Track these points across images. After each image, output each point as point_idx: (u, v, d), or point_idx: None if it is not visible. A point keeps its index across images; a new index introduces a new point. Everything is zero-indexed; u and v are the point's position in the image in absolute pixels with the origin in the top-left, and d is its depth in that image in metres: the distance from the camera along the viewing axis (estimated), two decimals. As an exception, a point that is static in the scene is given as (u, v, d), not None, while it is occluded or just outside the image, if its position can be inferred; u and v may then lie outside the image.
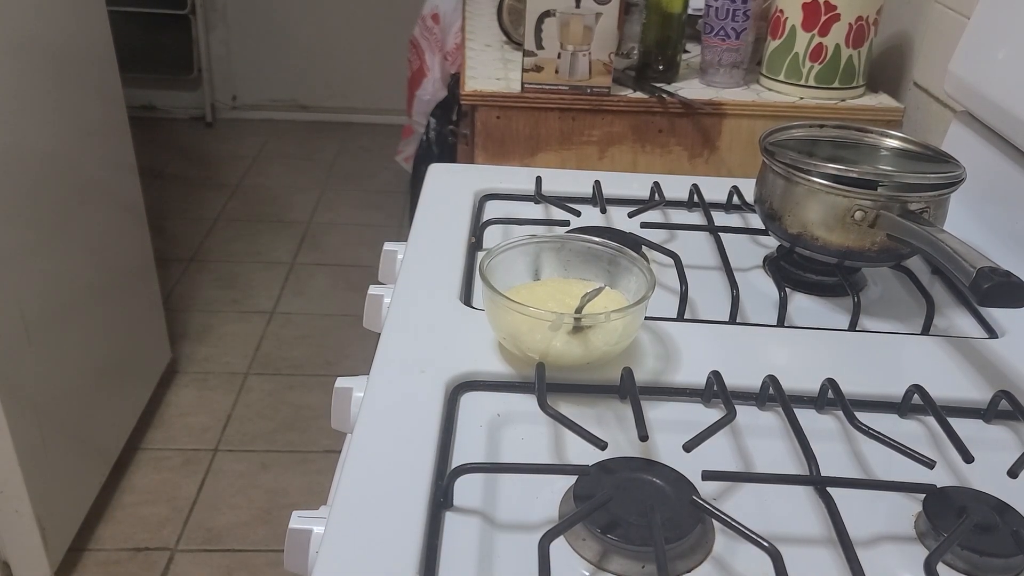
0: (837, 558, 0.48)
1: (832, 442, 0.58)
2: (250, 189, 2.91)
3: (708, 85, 1.17)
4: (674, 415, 0.60)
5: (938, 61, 1.06)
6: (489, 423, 0.58)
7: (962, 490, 0.53)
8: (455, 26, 1.90)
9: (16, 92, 1.28)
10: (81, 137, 1.50)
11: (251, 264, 2.47)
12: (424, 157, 1.99)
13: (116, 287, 1.66)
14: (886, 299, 0.77)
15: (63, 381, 1.44)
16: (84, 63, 1.51)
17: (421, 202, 0.88)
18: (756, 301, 0.75)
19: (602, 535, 0.47)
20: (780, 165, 0.73)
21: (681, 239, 0.84)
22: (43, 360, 1.36)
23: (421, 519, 0.48)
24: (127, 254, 1.72)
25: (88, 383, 1.53)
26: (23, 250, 1.30)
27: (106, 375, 1.61)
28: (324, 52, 3.30)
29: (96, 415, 1.57)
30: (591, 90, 1.09)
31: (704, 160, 1.15)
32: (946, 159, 0.74)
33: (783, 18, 1.12)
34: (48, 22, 1.37)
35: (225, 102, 3.39)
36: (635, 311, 0.60)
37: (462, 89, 1.12)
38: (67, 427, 1.45)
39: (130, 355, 1.74)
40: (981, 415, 0.61)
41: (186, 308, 2.24)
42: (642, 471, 0.52)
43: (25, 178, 1.30)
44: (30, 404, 1.33)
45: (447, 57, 1.97)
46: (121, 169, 1.68)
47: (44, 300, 1.37)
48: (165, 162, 3.00)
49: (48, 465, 1.38)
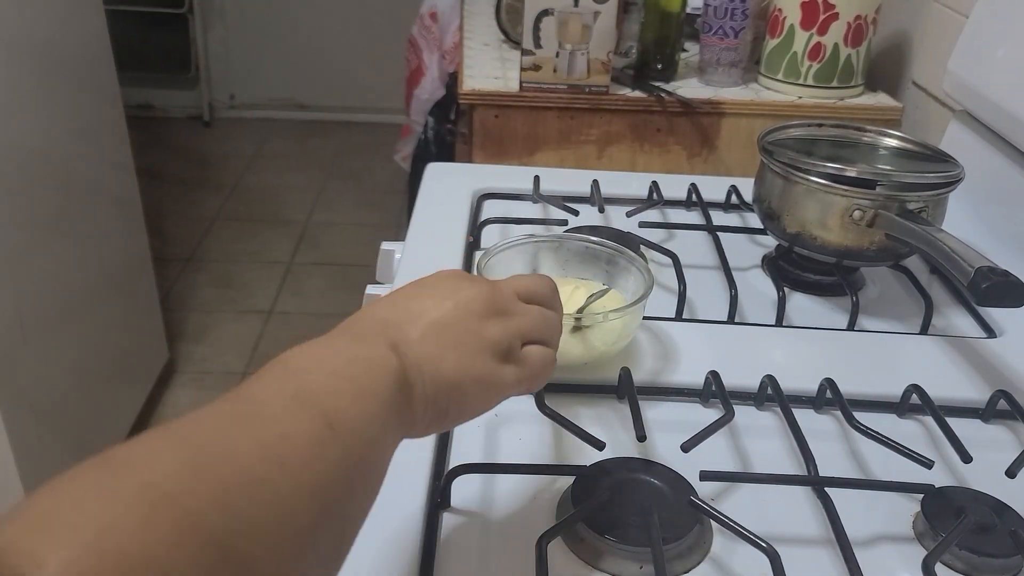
0: (835, 558, 0.48)
1: (830, 442, 0.58)
2: (248, 188, 2.91)
3: (707, 84, 1.17)
4: (672, 415, 0.60)
5: (937, 60, 1.06)
6: (487, 423, 0.58)
7: (960, 490, 0.53)
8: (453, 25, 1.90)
9: (12, 91, 1.27)
10: (78, 136, 1.49)
11: (249, 264, 2.47)
12: (422, 156, 1.99)
13: (113, 287, 1.65)
14: (884, 299, 0.77)
15: (60, 381, 1.43)
16: (81, 62, 1.51)
17: (419, 201, 0.88)
18: (754, 301, 0.75)
19: (600, 536, 0.47)
20: (778, 164, 0.73)
21: (679, 238, 0.84)
22: (40, 360, 1.36)
23: (419, 520, 0.48)
24: (124, 254, 1.71)
25: (85, 383, 1.53)
26: (20, 250, 1.30)
27: (103, 375, 1.61)
28: (322, 51, 3.29)
29: (93, 415, 1.57)
30: (589, 89, 1.09)
31: (703, 159, 1.15)
32: (944, 158, 0.74)
33: (781, 17, 1.11)
34: (45, 21, 1.36)
35: (223, 101, 3.39)
36: (633, 311, 0.60)
37: (460, 88, 1.11)
38: (64, 427, 1.45)
39: (128, 355, 1.74)
40: (979, 415, 0.61)
41: (184, 308, 2.24)
42: (640, 471, 0.52)
43: (21, 177, 1.30)
44: (27, 404, 1.33)
45: (445, 56, 1.97)
46: (118, 168, 1.67)
47: (41, 300, 1.36)
48: (162, 161, 3.00)
49: (45, 465, 1.37)
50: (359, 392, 0.35)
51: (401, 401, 0.37)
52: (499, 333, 0.43)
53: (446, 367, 0.40)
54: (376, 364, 0.37)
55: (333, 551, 0.32)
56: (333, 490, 0.31)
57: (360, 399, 0.35)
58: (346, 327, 0.40)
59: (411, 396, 0.38)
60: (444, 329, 0.42)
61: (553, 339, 0.48)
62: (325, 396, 0.34)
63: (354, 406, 0.34)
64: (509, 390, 0.44)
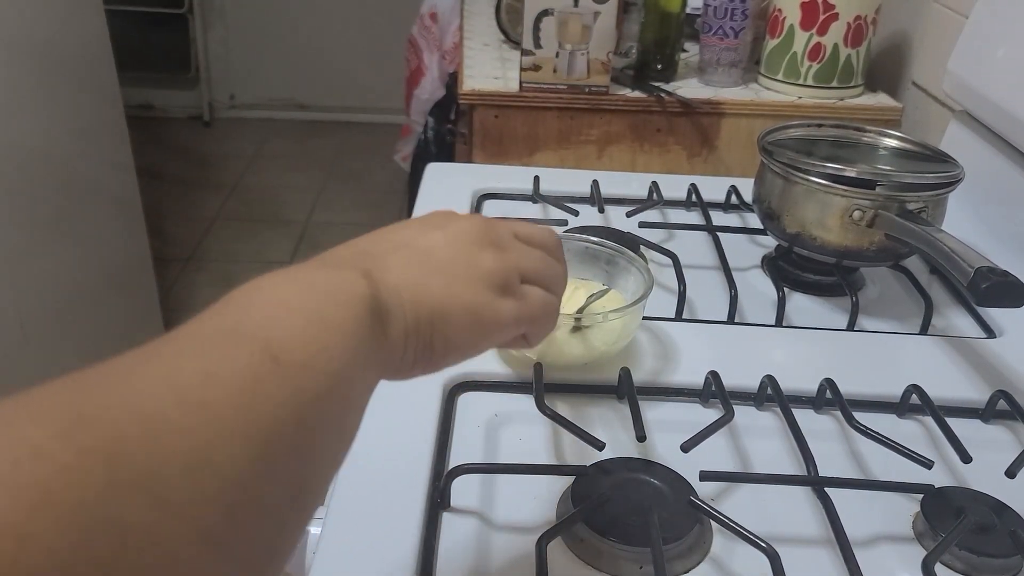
0: (835, 558, 0.48)
1: (830, 442, 0.58)
2: (248, 189, 2.91)
3: (706, 84, 1.17)
4: (672, 415, 0.60)
5: (937, 60, 1.06)
6: (487, 423, 0.58)
7: (960, 490, 0.53)
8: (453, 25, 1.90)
9: (12, 91, 1.27)
10: (78, 136, 1.49)
11: (249, 264, 2.46)
12: (422, 156, 1.99)
13: (113, 287, 1.65)
14: (884, 299, 0.77)
15: (60, 381, 1.43)
16: (81, 62, 1.51)
17: (419, 201, 0.88)
18: (754, 301, 0.75)
19: (600, 536, 0.47)
20: (778, 164, 0.73)
21: (679, 239, 0.84)
22: (40, 361, 1.36)
23: (418, 520, 0.48)
24: (124, 254, 1.71)
25: (85, 383, 1.53)
26: (20, 250, 1.30)
27: (103, 375, 1.60)
28: (322, 51, 3.29)
29: (93, 415, 1.56)
30: (589, 89, 1.09)
31: (702, 159, 1.15)
32: (944, 159, 0.74)
33: (781, 17, 1.11)
34: (45, 21, 1.36)
35: (223, 101, 3.39)
36: (633, 311, 0.60)
37: (460, 88, 1.11)
38: (64, 427, 1.45)
39: (128, 355, 1.73)
40: (979, 415, 0.61)
41: (184, 308, 2.23)
42: (640, 471, 0.52)
43: (21, 178, 1.30)
44: (27, 404, 1.32)
45: (445, 56, 1.97)
46: (118, 168, 1.67)
47: (41, 300, 1.36)
48: (162, 162, 3.00)
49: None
50: (315, 321, 0.30)
51: (375, 331, 0.32)
52: (494, 263, 0.38)
53: (430, 292, 0.36)
54: (340, 290, 0.32)
55: (286, 503, 0.27)
56: (278, 434, 0.26)
57: (317, 329, 0.30)
58: (318, 258, 0.36)
59: (387, 325, 0.33)
60: (429, 255, 0.37)
61: (556, 287, 0.43)
62: (270, 328, 0.29)
63: (307, 337, 0.29)
64: (505, 328, 0.39)
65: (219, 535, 0.24)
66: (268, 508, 0.26)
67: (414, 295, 0.35)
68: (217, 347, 0.27)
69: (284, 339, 0.28)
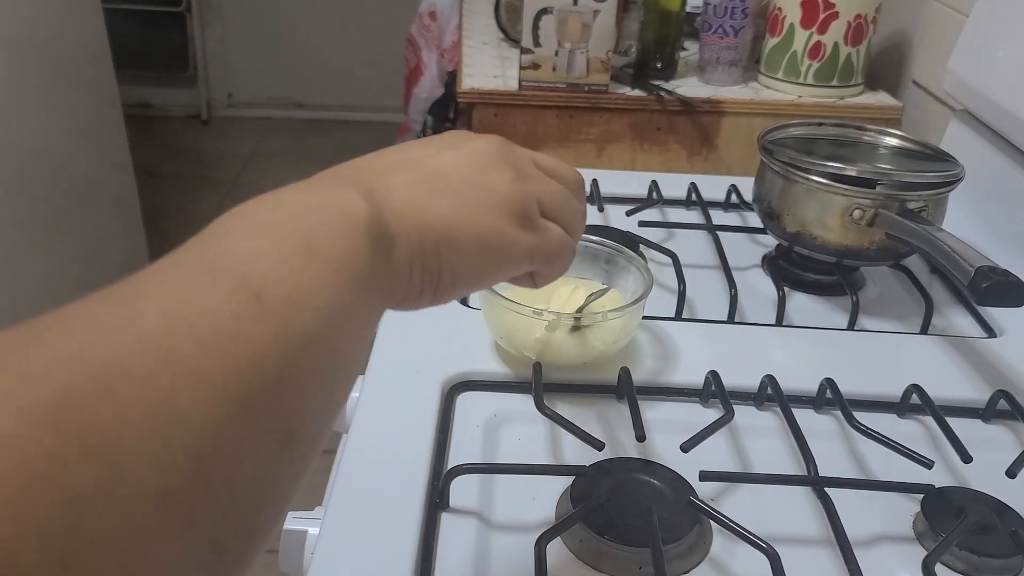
0: (835, 558, 0.48)
1: (830, 442, 0.58)
2: (246, 187, 2.90)
3: (706, 83, 1.17)
4: (672, 415, 0.60)
5: (937, 59, 1.06)
6: (486, 423, 0.58)
7: (960, 490, 0.53)
8: (452, 23, 1.90)
9: (9, 89, 1.27)
10: (75, 135, 1.49)
11: (248, 262, 2.46)
12: (421, 155, 1.98)
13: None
14: (885, 298, 0.77)
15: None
16: (79, 60, 1.50)
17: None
18: (754, 300, 0.74)
19: (599, 536, 0.47)
20: (778, 163, 0.73)
21: (679, 238, 0.84)
22: (38, 359, 1.36)
23: (417, 520, 0.48)
24: (122, 253, 1.71)
25: (84, 382, 1.53)
26: (17, 250, 1.30)
27: (102, 374, 1.60)
28: (320, 49, 3.29)
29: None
30: (589, 88, 1.09)
31: (702, 158, 1.14)
32: (945, 157, 0.74)
33: (781, 16, 1.11)
34: (43, 19, 1.36)
35: (221, 100, 3.38)
36: (633, 310, 0.60)
37: (459, 87, 1.11)
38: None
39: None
40: (979, 415, 0.61)
41: (182, 306, 2.23)
42: (639, 471, 0.51)
43: (18, 176, 1.30)
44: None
45: (444, 54, 1.97)
46: (116, 167, 1.67)
47: (38, 300, 1.36)
48: (160, 160, 2.99)
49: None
50: (304, 250, 0.27)
51: (375, 257, 0.29)
52: (511, 188, 0.35)
53: (436, 215, 0.32)
54: (335, 213, 0.29)
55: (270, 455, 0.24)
56: (260, 380, 0.24)
57: (304, 259, 0.27)
58: (315, 177, 0.33)
59: (390, 250, 0.30)
60: (438, 176, 0.33)
61: (575, 227, 0.39)
62: (251, 260, 0.26)
63: (293, 269, 0.26)
64: (518, 260, 0.35)
65: (183, 498, 0.21)
66: (247, 463, 0.23)
67: (419, 219, 0.32)
68: (189, 285, 0.25)
69: (267, 272, 0.26)
